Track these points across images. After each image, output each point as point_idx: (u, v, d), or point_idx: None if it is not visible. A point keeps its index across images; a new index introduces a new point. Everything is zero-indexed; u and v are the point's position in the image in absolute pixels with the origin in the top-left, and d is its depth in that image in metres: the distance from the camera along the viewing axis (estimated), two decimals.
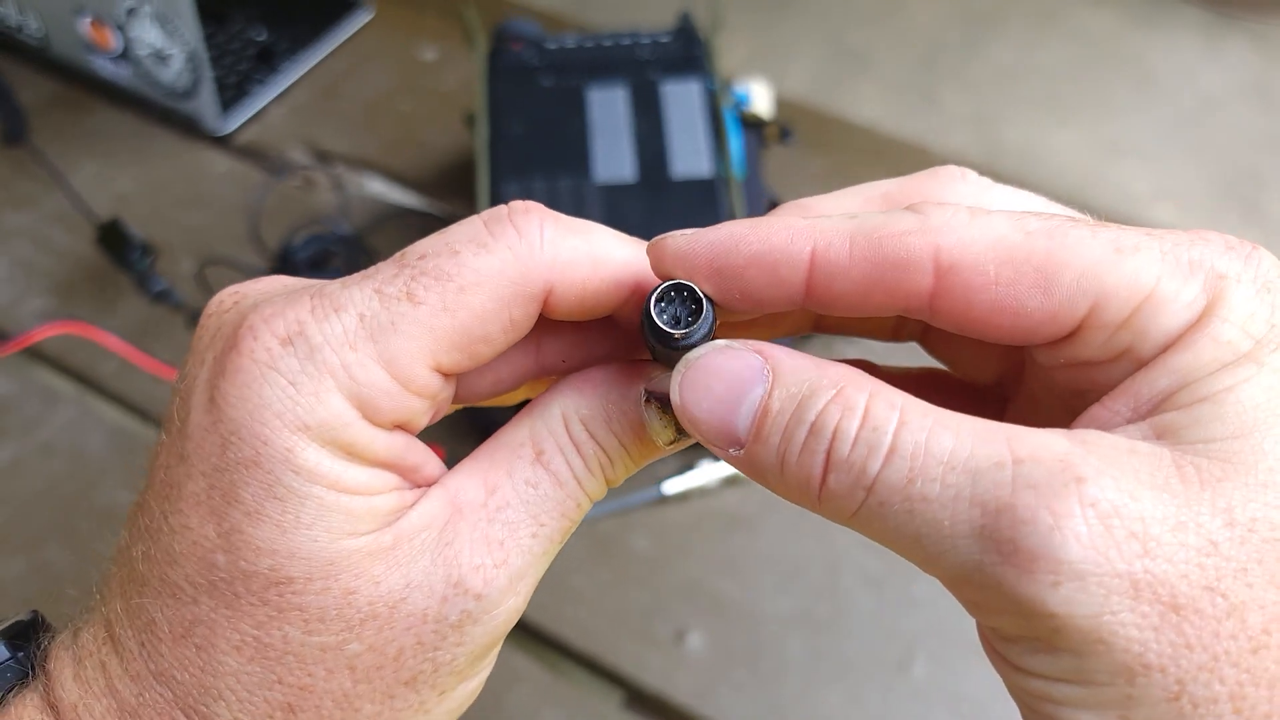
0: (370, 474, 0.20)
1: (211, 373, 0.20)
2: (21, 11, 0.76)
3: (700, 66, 0.63)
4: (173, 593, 0.20)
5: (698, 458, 0.58)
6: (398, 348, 0.20)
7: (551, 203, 0.60)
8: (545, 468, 0.22)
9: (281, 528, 0.19)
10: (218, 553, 0.20)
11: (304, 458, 0.19)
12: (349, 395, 0.19)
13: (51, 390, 0.63)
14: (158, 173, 0.73)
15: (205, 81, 0.71)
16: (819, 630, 0.53)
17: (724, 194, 0.57)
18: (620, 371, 0.23)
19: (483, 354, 0.21)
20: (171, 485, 0.20)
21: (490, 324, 0.20)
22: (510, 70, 0.63)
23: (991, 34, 1.92)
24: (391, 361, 0.20)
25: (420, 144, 0.75)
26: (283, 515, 0.19)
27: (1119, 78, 1.84)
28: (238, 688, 0.20)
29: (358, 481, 0.20)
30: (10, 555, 0.56)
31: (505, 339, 0.21)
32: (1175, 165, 1.72)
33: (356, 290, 0.20)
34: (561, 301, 0.21)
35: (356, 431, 0.20)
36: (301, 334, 0.19)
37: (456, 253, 0.20)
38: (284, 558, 0.19)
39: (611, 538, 0.56)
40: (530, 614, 0.54)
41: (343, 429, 0.19)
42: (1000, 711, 0.51)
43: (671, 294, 0.21)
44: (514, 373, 0.23)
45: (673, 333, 0.20)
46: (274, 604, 0.20)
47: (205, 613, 0.20)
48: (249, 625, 0.20)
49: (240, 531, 0.19)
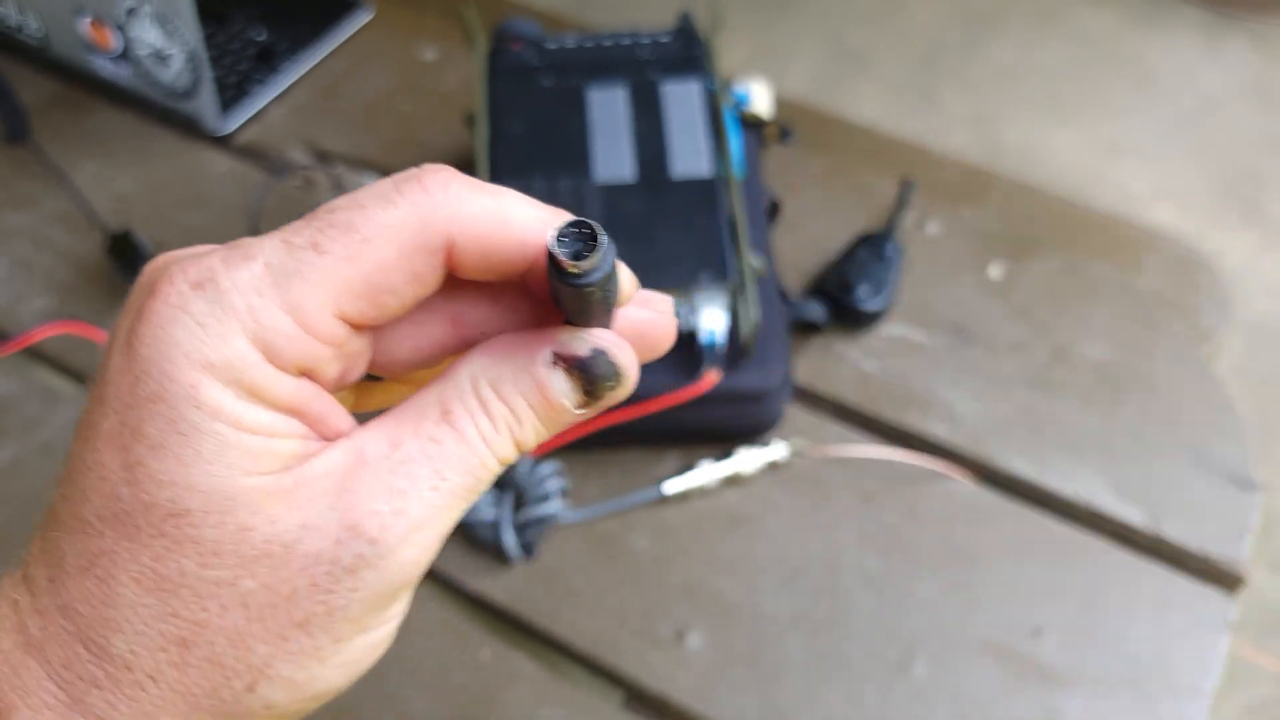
0: (273, 416, 0.21)
1: (131, 320, 0.21)
2: (21, 11, 0.76)
3: (700, 66, 0.63)
4: (81, 528, 0.21)
5: (698, 458, 0.58)
6: (301, 293, 0.21)
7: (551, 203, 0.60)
8: (451, 426, 0.22)
9: (182, 461, 0.20)
10: (122, 485, 0.20)
11: (207, 394, 0.20)
12: (253, 337, 0.20)
13: (51, 390, 0.63)
14: (158, 172, 0.73)
15: (205, 81, 0.71)
16: (819, 630, 0.53)
17: (724, 194, 0.57)
18: (531, 336, 0.23)
19: (389, 305, 0.22)
20: (89, 426, 0.21)
21: (393, 274, 0.21)
22: (510, 70, 0.63)
23: (991, 34, 1.92)
24: (295, 307, 0.21)
25: (420, 144, 0.75)
26: (183, 449, 0.20)
27: (1119, 78, 1.84)
28: (135, 620, 0.20)
29: (259, 422, 0.21)
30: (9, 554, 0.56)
31: (410, 291, 0.22)
32: (1175, 165, 1.72)
33: (266, 241, 0.21)
34: (466, 257, 0.22)
35: (259, 373, 0.21)
36: (212, 280, 0.20)
37: (363, 207, 0.21)
38: (183, 490, 0.20)
39: (611, 537, 0.56)
40: (529, 613, 0.54)
41: (246, 369, 0.20)
42: (1002, 712, 0.51)
43: (574, 230, 0.21)
44: (433, 342, 0.24)
45: (573, 268, 0.21)
46: (171, 535, 0.20)
47: (108, 545, 0.21)
48: (148, 557, 0.20)
49: (143, 464, 0.20)
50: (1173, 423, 0.61)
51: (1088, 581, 0.55)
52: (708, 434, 0.59)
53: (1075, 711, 0.51)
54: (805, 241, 0.69)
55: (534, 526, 0.55)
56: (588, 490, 0.58)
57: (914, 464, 0.59)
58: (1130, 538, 0.57)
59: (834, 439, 0.60)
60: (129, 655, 0.21)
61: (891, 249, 0.65)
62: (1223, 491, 0.58)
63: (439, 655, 0.53)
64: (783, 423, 0.60)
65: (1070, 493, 0.58)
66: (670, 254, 0.55)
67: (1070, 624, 0.54)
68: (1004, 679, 0.52)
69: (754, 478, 0.58)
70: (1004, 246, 0.69)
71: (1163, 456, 0.60)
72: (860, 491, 0.58)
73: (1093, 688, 0.52)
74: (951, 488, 0.58)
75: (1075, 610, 0.54)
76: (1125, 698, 0.52)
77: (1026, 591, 0.55)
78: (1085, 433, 0.60)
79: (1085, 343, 0.64)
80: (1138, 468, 0.59)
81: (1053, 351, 0.64)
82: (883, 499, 0.58)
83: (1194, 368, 0.63)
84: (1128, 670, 0.52)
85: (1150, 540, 0.57)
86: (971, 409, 0.61)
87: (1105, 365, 0.63)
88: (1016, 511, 0.58)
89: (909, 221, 0.70)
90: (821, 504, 0.58)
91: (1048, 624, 0.54)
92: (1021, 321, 0.65)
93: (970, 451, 0.60)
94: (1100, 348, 0.64)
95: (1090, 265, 0.68)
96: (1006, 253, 0.68)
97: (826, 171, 0.73)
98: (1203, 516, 0.57)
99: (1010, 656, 0.53)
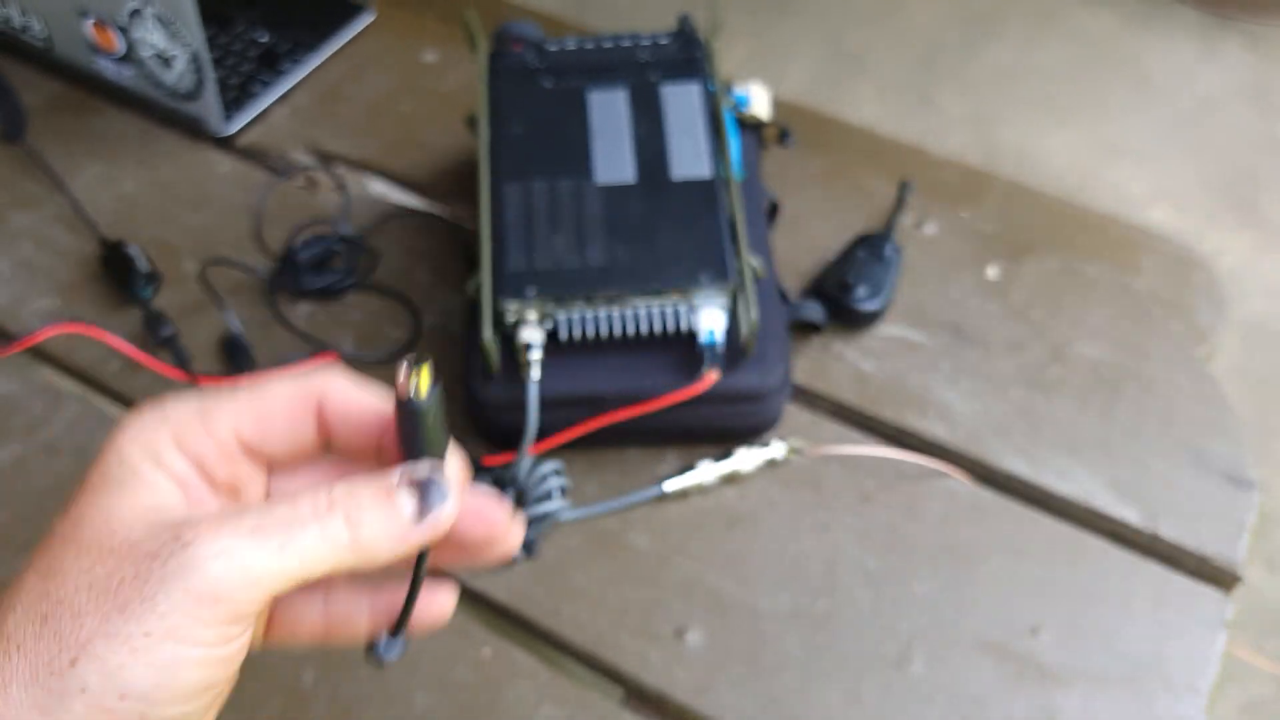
0: (165, 479, 0.29)
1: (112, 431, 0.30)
2: (25, 13, 0.77)
3: (700, 68, 0.63)
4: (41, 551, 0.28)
5: (698, 457, 0.58)
6: (215, 412, 0.30)
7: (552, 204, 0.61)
8: (308, 509, 0.28)
9: (97, 491, 0.28)
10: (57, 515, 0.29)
11: (128, 455, 0.29)
12: (170, 432, 0.29)
13: (55, 390, 0.63)
14: (161, 174, 0.74)
15: (208, 83, 0.71)
16: (818, 627, 0.54)
17: (723, 195, 0.58)
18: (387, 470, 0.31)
19: (274, 436, 0.31)
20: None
21: (278, 417, 0.31)
22: (511, 72, 0.63)
23: (990, 35, 1.93)
24: (207, 419, 0.30)
25: (422, 145, 0.75)
26: (102, 484, 0.28)
27: (1117, 79, 1.85)
28: (23, 601, 0.27)
29: (155, 478, 0.29)
30: (15, 554, 0.56)
31: (290, 432, 0.31)
32: (1173, 166, 1.72)
33: (206, 393, 0.31)
34: (333, 416, 0.31)
35: (166, 451, 0.29)
36: (161, 402, 0.30)
37: (269, 379, 0.31)
38: (86, 508, 0.28)
39: (611, 535, 0.57)
40: (530, 610, 0.54)
41: (158, 446, 0.29)
42: (998, 709, 0.52)
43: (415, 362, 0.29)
44: (312, 622, 0.33)
45: (406, 392, 0.29)
46: (67, 537, 0.27)
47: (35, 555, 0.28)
48: (49, 557, 0.27)
49: (75, 499, 0.29)
50: (1170, 422, 0.61)
51: (1085, 580, 0.56)
52: (707, 433, 0.59)
53: (1072, 709, 0.52)
54: (804, 242, 0.69)
55: (535, 525, 0.55)
56: (588, 489, 0.58)
57: (912, 463, 0.59)
58: (1127, 537, 0.58)
59: (832, 438, 0.61)
60: (11, 629, 0.26)
61: (890, 249, 0.66)
62: (1219, 490, 0.59)
63: (440, 652, 0.53)
64: (781, 422, 0.61)
65: (1067, 492, 0.59)
66: (670, 254, 0.55)
67: (1067, 622, 0.54)
68: (1001, 676, 0.53)
69: (753, 477, 0.59)
70: (1001, 247, 0.69)
71: (1160, 456, 0.60)
72: (859, 490, 0.59)
73: (1090, 685, 0.52)
74: (949, 487, 0.59)
75: (1072, 608, 0.55)
76: (1122, 696, 0.52)
77: (1024, 590, 0.55)
78: (1082, 432, 0.61)
79: (1082, 342, 0.65)
80: (1134, 467, 0.60)
81: (1050, 351, 0.64)
82: (881, 498, 0.58)
83: (1191, 367, 0.64)
84: (1125, 668, 0.53)
85: (1147, 539, 0.58)
86: (969, 408, 0.62)
87: (1102, 365, 0.64)
88: (1014, 510, 0.58)
89: (907, 222, 0.70)
90: (820, 503, 0.58)
91: (1045, 622, 0.54)
92: (1019, 321, 0.66)
93: (968, 451, 0.60)
94: (1097, 347, 0.64)
95: (1087, 265, 0.68)
96: (1004, 253, 0.69)
97: (825, 172, 0.73)
98: (1199, 515, 0.58)
99: (1008, 654, 0.53)
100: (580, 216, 0.57)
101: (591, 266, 0.55)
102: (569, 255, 0.55)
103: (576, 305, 0.55)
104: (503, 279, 0.55)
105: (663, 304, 0.56)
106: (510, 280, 0.54)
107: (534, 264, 0.55)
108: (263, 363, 0.63)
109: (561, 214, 0.57)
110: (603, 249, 0.55)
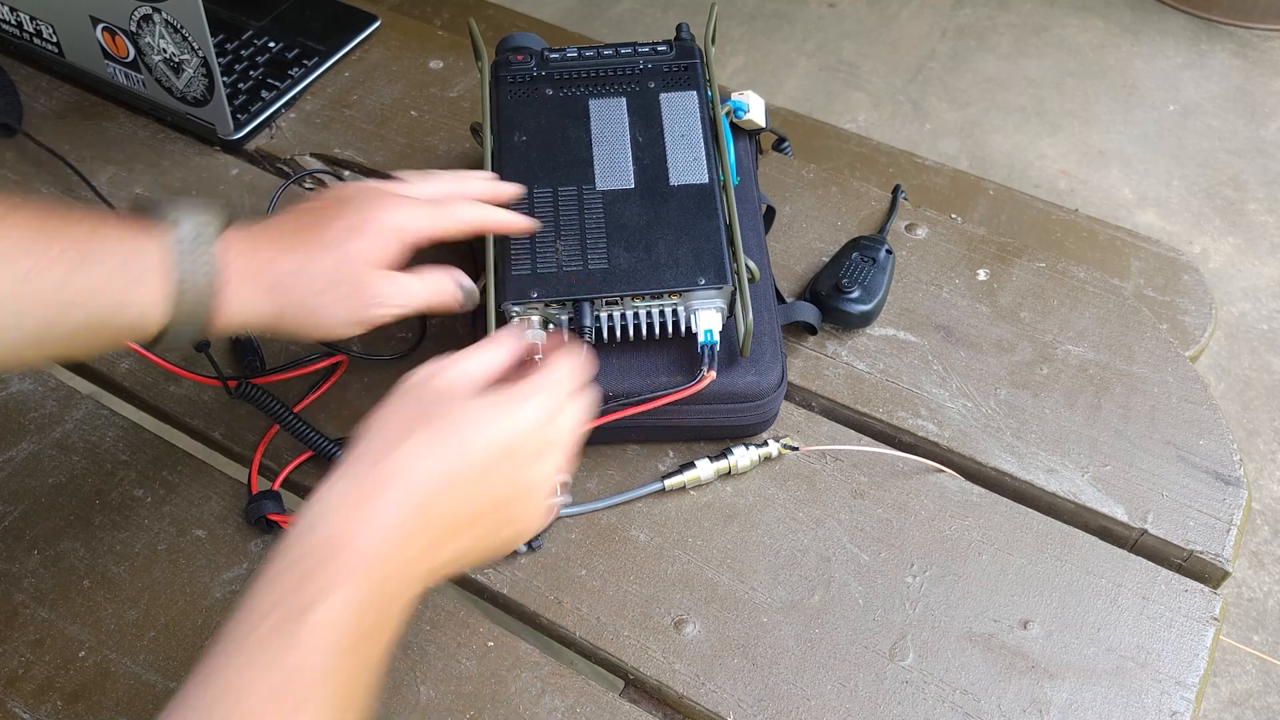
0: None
1: (360, 192, 0.55)
2: (37, 20, 0.78)
3: (698, 78, 0.65)
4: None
5: (696, 454, 0.60)
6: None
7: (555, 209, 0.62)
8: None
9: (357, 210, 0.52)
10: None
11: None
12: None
13: (68, 389, 0.65)
14: (171, 178, 0.75)
15: (218, 89, 0.73)
16: (812, 620, 0.55)
17: (720, 200, 0.59)
18: None
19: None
20: None
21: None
22: (514, 81, 0.64)
23: (980, 45, 1.95)
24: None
25: (428, 150, 0.77)
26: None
27: (1105, 86, 1.87)
28: (292, 246, 0.50)
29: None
30: (28, 549, 0.58)
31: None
32: (1159, 171, 1.74)
33: None
34: None
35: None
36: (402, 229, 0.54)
37: None
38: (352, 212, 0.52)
39: (612, 529, 0.58)
40: (533, 602, 0.56)
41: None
42: (990, 701, 0.53)
43: None
44: None
45: None
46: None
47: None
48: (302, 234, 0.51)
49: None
50: (1156, 421, 0.63)
51: (1074, 575, 0.57)
52: (705, 431, 0.60)
53: (1062, 701, 0.53)
54: (799, 246, 0.71)
55: None
56: (589, 484, 0.60)
57: (904, 460, 0.61)
58: (1116, 532, 0.59)
59: (826, 436, 0.62)
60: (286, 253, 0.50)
61: (882, 253, 0.67)
62: (1207, 488, 0.60)
63: (445, 644, 0.55)
64: (777, 420, 0.62)
65: (1055, 489, 0.60)
66: (669, 258, 0.57)
67: (1057, 616, 0.55)
68: (991, 668, 0.54)
69: (750, 473, 0.60)
70: (991, 250, 0.71)
71: (1147, 453, 0.61)
72: (852, 487, 0.60)
73: (1079, 678, 0.54)
74: (940, 483, 0.60)
75: (1062, 602, 0.56)
76: (1111, 688, 0.53)
77: (1014, 584, 0.57)
78: (1070, 430, 0.62)
79: (1071, 343, 0.66)
80: (1122, 464, 0.61)
81: (1039, 351, 0.66)
82: (873, 494, 0.60)
83: (1177, 367, 0.65)
84: (1113, 661, 0.54)
85: (1135, 535, 0.59)
86: (960, 407, 0.63)
87: (1090, 365, 0.65)
88: (1003, 506, 0.59)
89: (899, 226, 0.72)
90: (814, 499, 0.60)
91: (1035, 616, 0.55)
92: (1008, 323, 0.67)
93: (958, 448, 0.62)
94: (1085, 348, 0.66)
95: (1076, 268, 0.70)
96: (994, 256, 0.70)
97: (820, 178, 0.75)
98: (1186, 512, 0.59)
99: (998, 647, 0.54)
100: (581, 222, 0.58)
101: (593, 270, 0.56)
102: (571, 259, 0.57)
103: None
104: (506, 282, 0.56)
105: (662, 306, 0.57)
106: (514, 284, 0.56)
107: (537, 268, 0.56)
108: (272, 363, 0.64)
109: (563, 219, 0.58)
110: (603, 253, 0.57)
